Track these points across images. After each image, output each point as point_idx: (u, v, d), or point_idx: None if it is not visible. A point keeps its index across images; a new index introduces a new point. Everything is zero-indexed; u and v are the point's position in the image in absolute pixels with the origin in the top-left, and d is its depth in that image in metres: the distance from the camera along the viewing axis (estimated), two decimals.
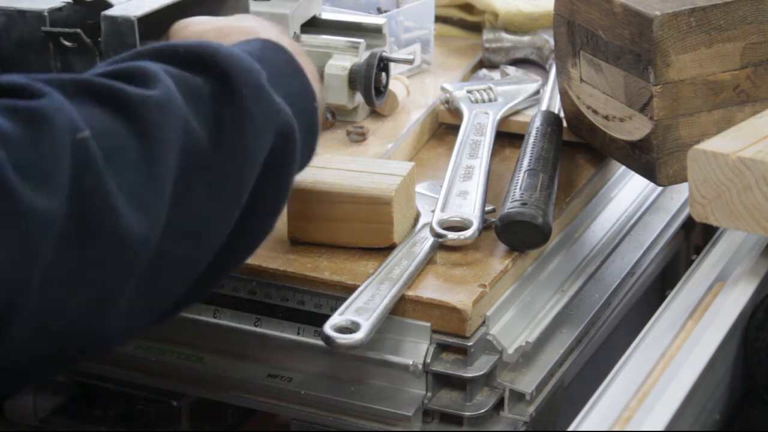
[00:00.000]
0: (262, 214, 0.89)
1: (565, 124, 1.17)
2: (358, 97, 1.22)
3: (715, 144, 0.99)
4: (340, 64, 1.21)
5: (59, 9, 0.98)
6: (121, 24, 0.95)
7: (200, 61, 0.84)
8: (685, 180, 1.03)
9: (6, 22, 0.98)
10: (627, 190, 1.21)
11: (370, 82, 1.18)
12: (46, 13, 0.97)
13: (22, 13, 0.97)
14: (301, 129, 0.88)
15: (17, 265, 0.71)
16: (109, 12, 0.97)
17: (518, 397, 0.98)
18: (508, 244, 1.03)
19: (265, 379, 1.00)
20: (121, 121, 0.78)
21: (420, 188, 1.11)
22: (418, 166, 1.17)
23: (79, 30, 0.96)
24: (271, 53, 0.90)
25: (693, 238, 1.31)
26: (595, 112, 1.12)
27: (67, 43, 0.96)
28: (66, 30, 0.96)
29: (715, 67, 1.04)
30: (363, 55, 1.20)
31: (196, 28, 0.94)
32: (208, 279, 0.87)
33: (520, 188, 1.05)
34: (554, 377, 1.00)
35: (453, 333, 0.96)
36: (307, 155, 0.92)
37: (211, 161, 0.82)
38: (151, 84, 0.80)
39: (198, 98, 0.83)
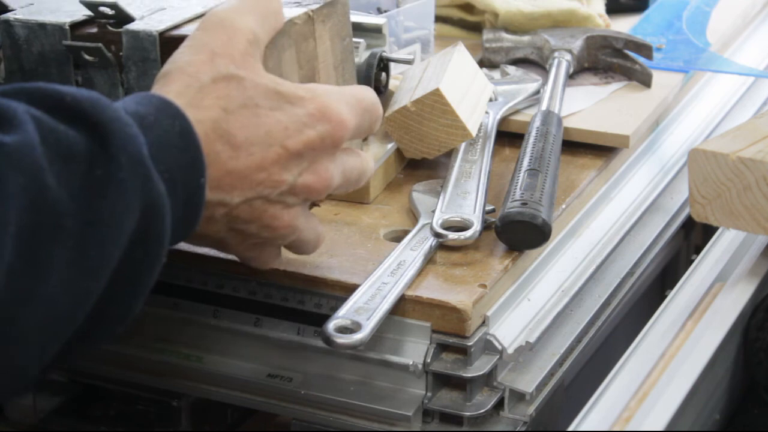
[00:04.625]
0: (123, 297, 0.81)
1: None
2: None
3: (715, 144, 0.99)
4: None
5: (81, 23, 0.98)
6: (143, 39, 0.94)
7: (83, 115, 0.77)
8: None
9: (27, 35, 0.97)
10: (627, 190, 1.21)
11: (370, 82, 1.18)
12: (67, 27, 0.96)
13: (43, 26, 0.97)
14: (177, 205, 0.82)
15: None
16: (131, 26, 0.96)
17: (518, 397, 0.98)
18: (508, 244, 1.03)
19: (265, 379, 1.00)
20: None
21: (419, 188, 1.12)
22: (417, 166, 1.17)
23: (100, 44, 0.95)
24: (165, 120, 0.82)
25: (693, 238, 1.31)
26: None
27: (88, 58, 0.96)
28: (87, 44, 0.95)
29: None
30: (363, 55, 1.20)
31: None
32: (49, 361, 0.78)
33: (520, 188, 1.05)
34: (554, 377, 1.00)
35: (453, 333, 0.96)
36: (182, 232, 0.84)
37: (68, 225, 0.75)
38: (7, 128, 0.74)
39: (67, 155, 0.76)
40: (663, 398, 0.85)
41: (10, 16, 0.98)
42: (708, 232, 1.18)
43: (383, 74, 1.20)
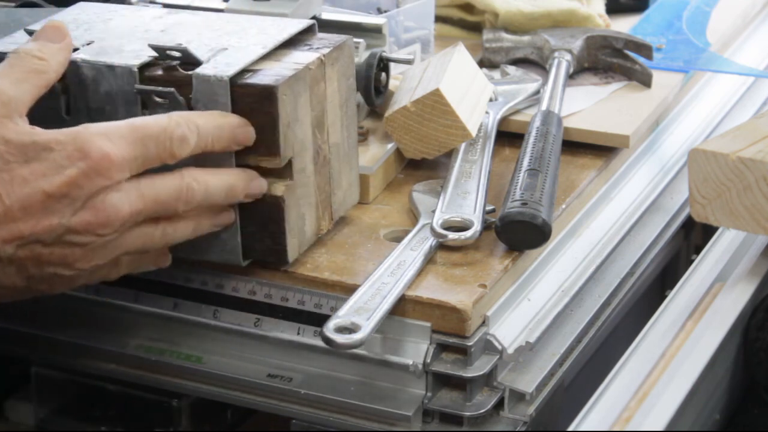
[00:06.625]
0: None
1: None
2: (358, 97, 1.22)
3: (715, 144, 0.99)
4: None
5: (147, 64, 0.99)
6: (214, 84, 0.96)
7: None
8: None
9: (95, 76, 0.98)
10: (627, 190, 1.21)
11: (370, 82, 1.18)
12: (136, 69, 0.97)
13: (111, 68, 0.98)
14: None
15: None
16: (201, 71, 0.97)
17: (518, 397, 0.98)
18: (508, 244, 1.03)
19: (265, 379, 1.00)
20: None
21: (419, 188, 1.12)
22: (417, 166, 1.17)
23: (173, 90, 0.96)
24: None
25: (693, 238, 1.31)
26: None
27: (159, 100, 0.97)
28: (161, 89, 0.97)
29: None
30: (363, 55, 1.20)
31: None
32: None
33: (520, 188, 1.05)
34: (554, 377, 1.00)
35: (453, 333, 0.97)
36: None
37: None
38: None
39: None
40: (663, 398, 0.85)
41: (76, 57, 0.99)
42: (708, 232, 1.18)
43: (383, 74, 1.20)
